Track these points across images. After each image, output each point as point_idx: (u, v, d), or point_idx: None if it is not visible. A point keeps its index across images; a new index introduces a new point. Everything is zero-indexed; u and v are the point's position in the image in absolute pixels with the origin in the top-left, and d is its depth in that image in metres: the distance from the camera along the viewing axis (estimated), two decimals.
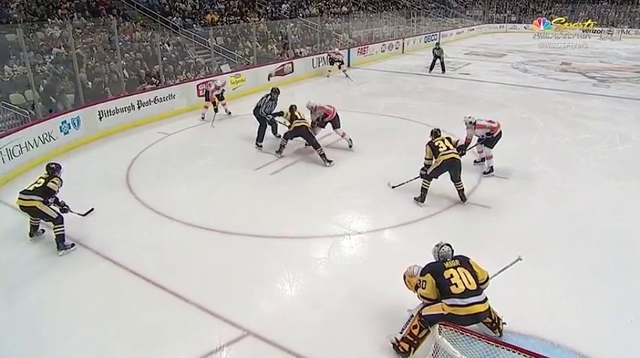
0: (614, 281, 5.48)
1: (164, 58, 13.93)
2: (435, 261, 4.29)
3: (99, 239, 6.30)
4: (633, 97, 14.90)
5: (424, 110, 12.86)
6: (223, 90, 12.12)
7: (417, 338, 4.17)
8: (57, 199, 6.25)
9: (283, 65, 16.38)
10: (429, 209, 7.10)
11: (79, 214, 6.75)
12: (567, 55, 25.02)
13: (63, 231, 6.08)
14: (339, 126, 9.61)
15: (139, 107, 11.46)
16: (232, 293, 5.27)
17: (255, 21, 19.72)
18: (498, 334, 4.39)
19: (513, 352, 3.15)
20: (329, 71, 17.93)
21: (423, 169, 7.33)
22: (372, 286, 5.36)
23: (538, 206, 7.37)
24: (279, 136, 9.65)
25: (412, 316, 4.32)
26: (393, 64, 20.99)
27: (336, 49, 18.34)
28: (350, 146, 9.63)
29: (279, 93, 9.88)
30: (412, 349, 4.21)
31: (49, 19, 14.31)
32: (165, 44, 15.16)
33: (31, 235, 6.39)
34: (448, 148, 7.08)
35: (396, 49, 24.28)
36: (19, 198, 6.05)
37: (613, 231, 6.62)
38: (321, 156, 8.84)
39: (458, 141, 7.51)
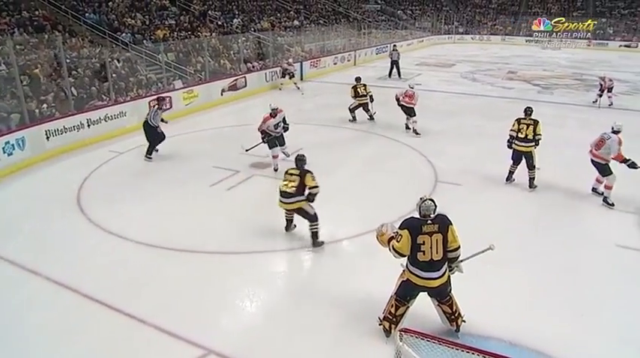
0: (565, 279, 5.71)
1: (114, 75, 13.62)
2: (416, 217, 4.44)
3: (50, 263, 6.03)
4: (575, 103, 15.64)
5: (378, 120, 13.02)
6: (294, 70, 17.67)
7: (395, 315, 4.49)
8: None
9: (236, 80, 16.31)
10: (387, 218, 7.15)
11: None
12: (513, 64, 26.05)
13: (318, 227, 6.33)
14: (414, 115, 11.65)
15: (88, 125, 11.12)
16: (192, 312, 5.16)
17: (206, 36, 19.58)
18: (455, 328, 4.60)
19: (473, 354, 3.20)
20: (281, 84, 17.98)
21: (508, 141, 8.37)
22: (332, 298, 5.35)
23: (492, 210, 7.60)
24: (149, 158, 10.06)
25: (391, 296, 4.55)
26: (345, 76, 21.22)
27: (290, 61, 18.42)
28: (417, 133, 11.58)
29: (164, 100, 10.89)
30: (392, 326, 4.49)
31: None
32: (115, 61, 14.82)
33: (286, 229, 6.75)
34: (525, 137, 8.05)
35: (348, 61, 24.62)
36: (282, 202, 6.27)
37: (564, 231, 6.91)
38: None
39: (538, 136, 8.14)
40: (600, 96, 15.22)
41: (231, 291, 5.56)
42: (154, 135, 10.02)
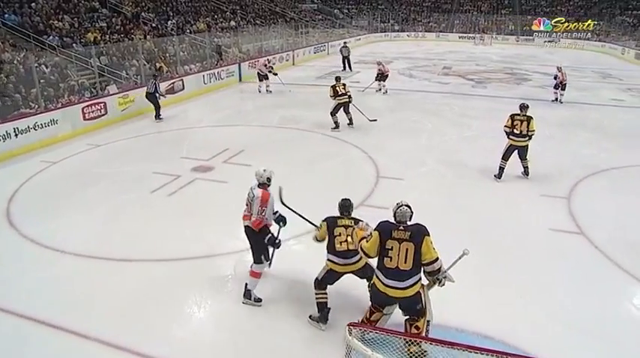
0: (503, 265, 5.97)
1: (42, 81, 12.96)
2: (391, 222, 4.27)
3: None
4: (507, 96, 16.32)
5: (319, 120, 13.08)
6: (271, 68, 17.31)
7: (369, 320, 4.32)
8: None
9: (173, 83, 15.93)
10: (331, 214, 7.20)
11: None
12: (447, 60, 26.90)
13: None
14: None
15: (16, 135, 10.51)
16: (138, 323, 5.00)
17: (140, 38, 19.01)
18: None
19: (421, 341, 3.29)
20: (267, 86, 17.32)
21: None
22: (280, 299, 5.35)
23: (434, 203, 7.77)
24: (161, 118, 13.28)
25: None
26: (284, 76, 21.08)
27: (270, 57, 18.27)
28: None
29: (158, 76, 13.79)
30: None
31: None
32: (43, 65, 14.09)
33: (325, 321, 4.93)
34: (520, 133, 8.25)
35: (287, 61, 24.57)
36: (343, 265, 4.77)
37: (500, 219, 7.21)
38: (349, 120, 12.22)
39: (531, 132, 8.31)
40: (556, 92, 15.38)
41: (178, 299, 5.42)
42: (154, 101, 13.12)
